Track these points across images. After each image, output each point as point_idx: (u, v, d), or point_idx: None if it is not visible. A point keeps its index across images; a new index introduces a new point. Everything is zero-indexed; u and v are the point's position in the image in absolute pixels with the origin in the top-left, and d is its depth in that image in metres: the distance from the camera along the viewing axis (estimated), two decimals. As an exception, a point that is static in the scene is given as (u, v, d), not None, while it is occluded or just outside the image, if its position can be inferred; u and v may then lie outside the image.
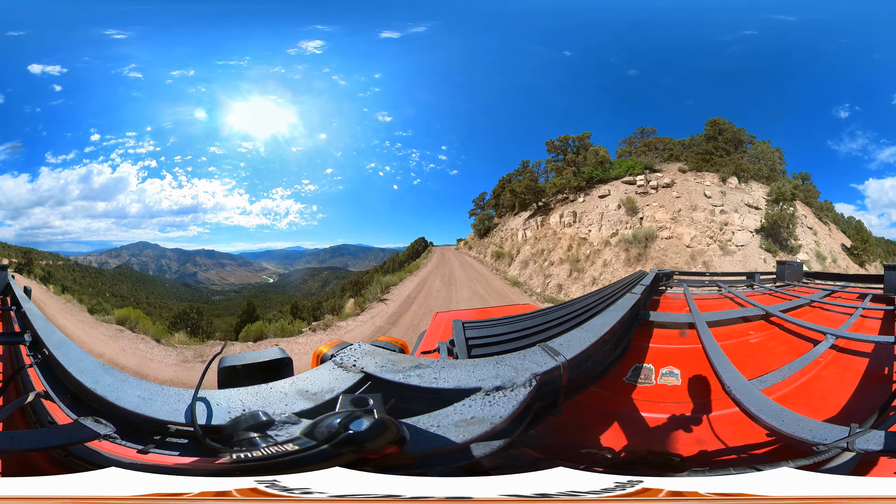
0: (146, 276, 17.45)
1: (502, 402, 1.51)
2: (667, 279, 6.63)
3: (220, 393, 1.59)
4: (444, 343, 2.54)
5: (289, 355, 1.95)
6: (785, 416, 1.67)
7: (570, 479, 1.55)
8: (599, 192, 15.93)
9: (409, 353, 2.39)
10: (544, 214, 17.06)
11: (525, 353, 1.82)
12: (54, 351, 1.92)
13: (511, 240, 17.87)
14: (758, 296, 4.39)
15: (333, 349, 1.99)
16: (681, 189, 14.96)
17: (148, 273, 17.56)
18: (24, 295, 3.40)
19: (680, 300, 4.19)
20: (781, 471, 1.53)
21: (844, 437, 1.51)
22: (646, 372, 2.39)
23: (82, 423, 1.46)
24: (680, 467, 1.79)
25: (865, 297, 3.86)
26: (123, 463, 1.41)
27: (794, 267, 7.22)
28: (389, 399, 1.58)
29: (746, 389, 1.89)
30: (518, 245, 17.38)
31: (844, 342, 2.53)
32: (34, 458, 1.48)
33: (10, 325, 2.97)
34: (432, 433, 1.39)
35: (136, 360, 11.06)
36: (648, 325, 2.85)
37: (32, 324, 2.42)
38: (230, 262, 18.72)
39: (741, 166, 15.02)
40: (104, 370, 1.71)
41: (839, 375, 2.29)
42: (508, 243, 17.84)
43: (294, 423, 1.42)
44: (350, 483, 1.32)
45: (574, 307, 3.03)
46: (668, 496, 1.47)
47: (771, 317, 3.05)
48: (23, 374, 2.03)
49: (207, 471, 1.37)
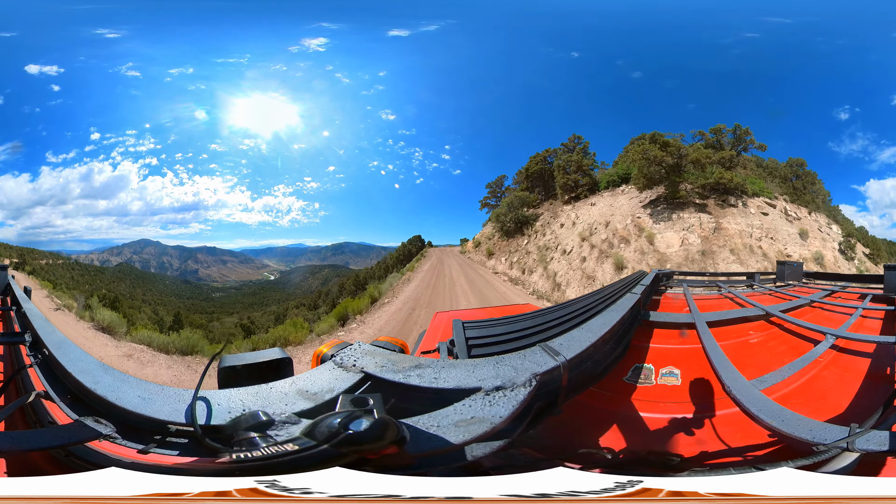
0: (146, 273, 17.45)
1: (502, 402, 1.51)
2: (667, 279, 6.63)
3: (220, 393, 1.59)
4: (444, 343, 2.55)
5: (289, 355, 1.95)
6: (785, 416, 1.67)
7: (570, 479, 1.55)
8: (729, 202, 13.98)
9: (409, 353, 2.39)
10: (719, 208, 13.36)
11: (525, 353, 1.81)
12: (54, 351, 1.92)
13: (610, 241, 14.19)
14: (758, 296, 4.39)
15: (333, 349, 1.99)
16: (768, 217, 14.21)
17: (149, 270, 17.56)
18: (24, 295, 3.40)
19: (680, 300, 4.19)
20: (781, 471, 1.53)
21: (844, 437, 1.51)
22: (646, 372, 2.39)
23: (82, 423, 1.46)
24: (680, 467, 1.79)
25: (865, 297, 3.86)
26: (123, 463, 1.41)
27: (794, 267, 7.22)
28: (389, 399, 1.58)
29: (746, 389, 1.89)
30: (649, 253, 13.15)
31: (844, 342, 2.53)
32: (34, 458, 1.48)
33: (10, 325, 2.97)
34: (432, 433, 1.39)
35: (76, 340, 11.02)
36: (648, 325, 2.85)
37: (32, 324, 2.42)
38: (231, 259, 18.70)
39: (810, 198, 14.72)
40: (104, 370, 1.70)
41: (839, 375, 2.29)
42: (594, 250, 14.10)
43: (294, 423, 1.42)
44: (350, 483, 1.32)
45: (574, 307, 3.03)
46: (668, 496, 1.47)
47: (771, 317, 3.05)
48: (23, 374, 2.03)
49: (207, 471, 1.37)
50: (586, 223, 15.33)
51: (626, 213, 14.76)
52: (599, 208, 15.55)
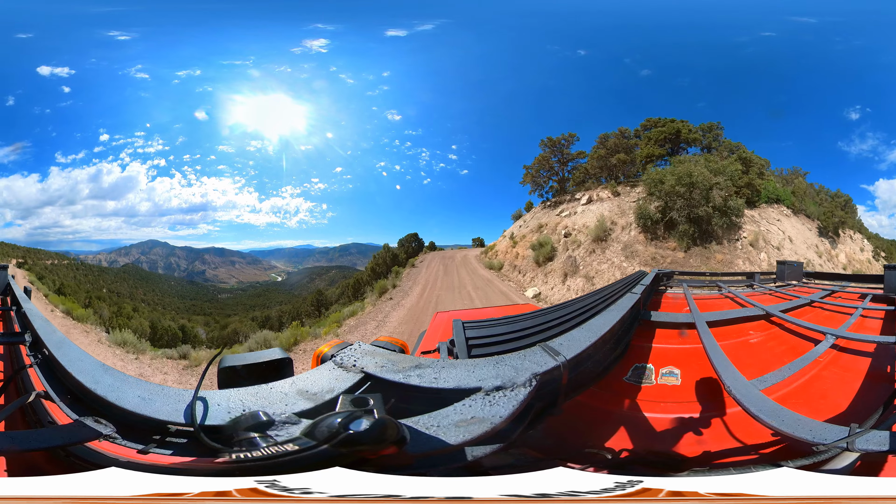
0: (152, 273, 17.52)
1: (502, 401, 1.51)
2: (667, 279, 6.63)
3: (220, 393, 1.59)
4: (444, 343, 2.55)
5: (289, 355, 1.95)
6: (785, 416, 1.67)
7: (570, 479, 1.55)
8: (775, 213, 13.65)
9: (409, 353, 2.39)
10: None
11: (525, 353, 1.81)
12: (54, 351, 1.92)
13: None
14: (758, 296, 4.39)
15: (333, 349, 1.99)
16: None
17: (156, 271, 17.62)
18: (24, 295, 3.40)
19: (680, 300, 4.19)
20: (781, 471, 1.53)
21: (844, 437, 1.51)
22: (646, 372, 2.39)
23: (82, 423, 1.46)
24: (680, 467, 1.79)
25: (865, 297, 3.85)
26: (123, 463, 1.41)
27: (794, 267, 7.21)
28: (389, 399, 1.58)
29: (746, 389, 1.89)
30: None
31: (844, 342, 2.53)
32: (34, 458, 1.48)
33: (10, 325, 2.97)
34: (432, 433, 1.39)
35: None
36: (648, 325, 2.85)
37: (32, 324, 2.42)
38: (239, 260, 18.74)
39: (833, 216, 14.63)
40: (104, 370, 1.70)
41: (839, 375, 2.29)
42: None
43: (294, 423, 1.42)
44: (350, 483, 1.32)
45: (574, 307, 3.03)
46: (668, 496, 1.47)
47: (771, 317, 3.05)
48: (23, 374, 2.03)
49: (207, 471, 1.37)
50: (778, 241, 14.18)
51: (810, 241, 14.33)
52: (787, 225, 14.38)
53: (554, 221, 15.48)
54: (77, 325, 12.63)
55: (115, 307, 14.67)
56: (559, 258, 13.98)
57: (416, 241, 18.35)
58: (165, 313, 15.76)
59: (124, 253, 17.37)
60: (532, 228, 15.87)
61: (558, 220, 15.39)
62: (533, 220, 16.50)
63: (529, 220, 16.75)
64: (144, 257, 17.68)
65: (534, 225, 15.99)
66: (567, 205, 15.80)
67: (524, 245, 15.47)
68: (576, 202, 15.59)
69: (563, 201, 16.05)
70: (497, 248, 16.89)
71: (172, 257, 17.99)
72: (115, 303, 15.02)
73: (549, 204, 16.63)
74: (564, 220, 15.21)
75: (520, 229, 16.70)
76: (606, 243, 13.32)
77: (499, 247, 16.88)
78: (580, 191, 15.73)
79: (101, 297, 15.12)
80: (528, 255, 14.82)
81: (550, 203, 16.62)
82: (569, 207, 15.58)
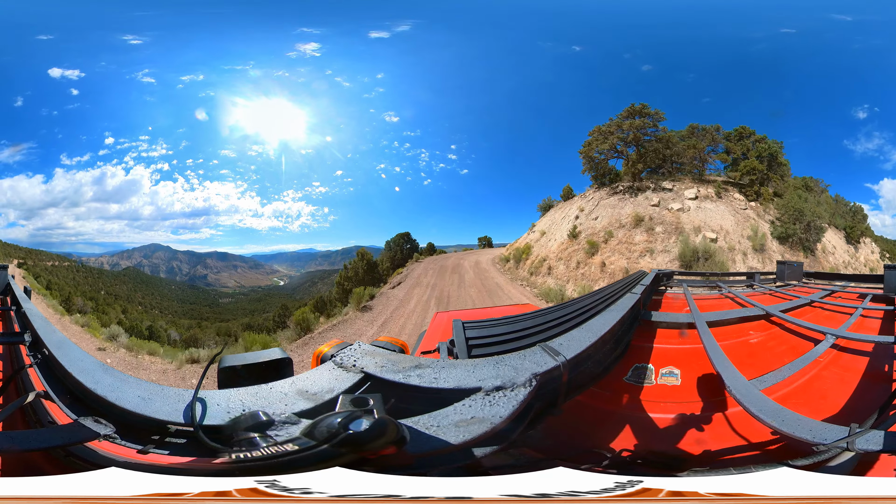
0: (152, 277, 17.58)
1: (502, 402, 1.51)
2: (667, 279, 6.62)
3: (220, 393, 1.59)
4: (444, 343, 2.54)
5: (289, 355, 1.95)
6: (785, 416, 1.67)
7: (570, 479, 1.55)
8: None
9: (409, 353, 2.39)
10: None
11: (525, 353, 1.81)
12: (54, 351, 1.92)
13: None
14: (758, 296, 4.38)
15: (333, 349, 1.99)
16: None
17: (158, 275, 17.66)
18: (24, 295, 3.40)
19: (680, 300, 4.19)
20: (781, 471, 1.53)
21: (844, 436, 1.51)
22: (646, 372, 2.39)
23: (82, 423, 1.46)
24: (680, 467, 1.79)
25: (865, 297, 3.85)
26: (123, 463, 1.41)
27: (794, 267, 7.20)
28: (389, 399, 1.58)
29: (746, 389, 1.89)
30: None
31: (844, 342, 2.52)
32: (34, 458, 1.48)
33: (10, 325, 2.97)
34: (432, 433, 1.39)
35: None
36: (648, 325, 2.85)
37: (32, 324, 2.42)
38: (242, 265, 18.77)
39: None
40: (104, 370, 1.70)
41: (839, 375, 2.29)
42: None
43: (294, 423, 1.42)
44: (350, 483, 1.32)
45: (574, 307, 3.03)
46: (668, 496, 1.47)
47: (771, 317, 3.05)
48: (23, 374, 2.03)
49: (207, 471, 1.37)
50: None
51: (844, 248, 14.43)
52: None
53: (664, 216, 12.31)
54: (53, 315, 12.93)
55: (95, 303, 14.74)
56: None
57: (408, 242, 17.08)
58: (161, 317, 15.80)
59: (126, 256, 17.44)
60: (611, 221, 12.60)
61: (670, 215, 12.44)
62: (598, 209, 13.37)
63: (588, 209, 13.63)
64: (146, 261, 17.74)
65: (608, 216, 12.88)
66: (653, 193, 13.03)
67: (615, 243, 11.71)
68: (668, 192, 13.18)
69: (644, 189, 13.21)
70: (533, 250, 13.59)
71: (174, 261, 18.04)
72: (108, 303, 15.08)
73: (618, 190, 13.77)
74: (679, 215, 12.59)
75: (576, 221, 13.14)
76: (765, 254, 12.56)
77: (539, 248, 13.43)
78: (668, 181, 13.65)
79: (92, 297, 15.17)
80: (637, 260, 11.14)
81: (624, 189, 13.69)
82: (667, 198, 12.84)
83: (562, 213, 14.41)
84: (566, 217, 13.96)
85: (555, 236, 13.64)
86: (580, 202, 14.10)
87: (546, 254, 13.00)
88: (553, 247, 13.31)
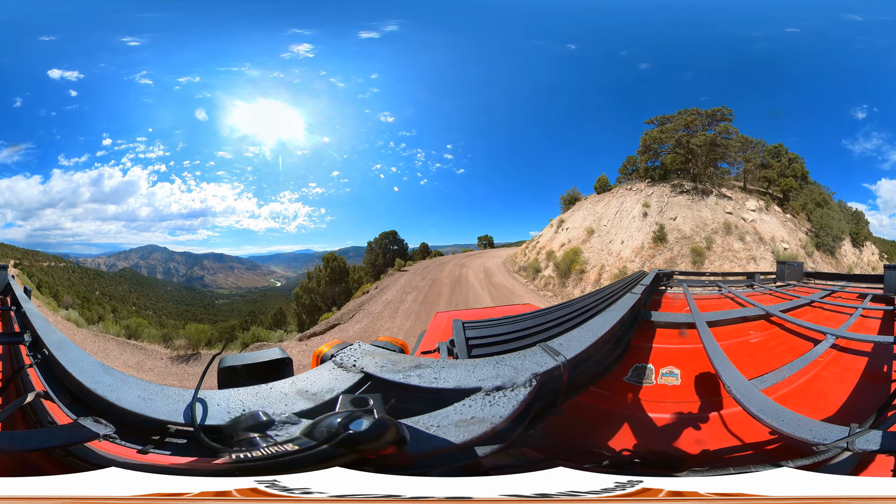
0: (149, 278, 17.59)
1: (502, 402, 1.51)
2: (667, 279, 6.62)
3: (219, 393, 1.59)
4: (444, 343, 2.54)
5: (289, 355, 1.95)
6: (785, 416, 1.67)
7: (570, 479, 1.55)
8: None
9: (409, 353, 2.39)
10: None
11: (525, 353, 1.81)
12: (54, 351, 1.92)
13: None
14: (758, 296, 4.38)
15: (333, 349, 1.99)
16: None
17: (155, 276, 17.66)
18: (24, 295, 3.40)
19: (680, 300, 4.19)
20: (781, 471, 1.53)
21: (844, 436, 1.51)
22: (646, 372, 2.39)
23: (82, 423, 1.46)
24: (680, 467, 1.79)
25: (865, 297, 3.85)
26: (123, 463, 1.41)
27: (794, 267, 7.21)
28: (389, 399, 1.58)
29: (746, 389, 1.89)
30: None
31: (844, 342, 2.53)
32: (34, 458, 1.48)
33: (10, 325, 2.97)
34: (432, 433, 1.39)
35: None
36: (648, 325, 2.85)
37: (32, 324, 2.42)
38: (238, 266, 18.77)
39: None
40: (104, 370, 1.70)
41: (839, 375, 2.29)
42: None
43: (294, 423, 1.42)
44: (350, 483, 1.32)
45: (574, 307, 3.03)
46: (668, 496, 1.47)
47: (771, 317, 3.05)
48: (23, 374, 2.03)
49: (207, 471, 1.37)
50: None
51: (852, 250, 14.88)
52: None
53: (743, 224, 10.99)
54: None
55: (86, 302, 14.78)
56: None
57: (394, 243, 15.89)
58: (154, 317, 15.80)
59: (123, 257, 17.46)
60: (697, 224, 10.23)
61: (747, 224, 11.38)
62: (671, 208, 11.07)
63: (657, 207, 11.23)
64: (143, 262, 17.75)
65: (690, 218, 10.51)
66: (718, 199, 11.97)
67: (719, 250, 9.44)
68: (729, 200, 12.54)
69: (708, 192, 12.21)
70: (585, 254, 9.84)
71: (171, 262, 18.05)
72: (99, 303, 15.11)
73: (685, 189, 12.04)
74: (753, 224, 12.11)
75: (646, 220, 10.35)
76: (811, 258, 12.93)
77: (595, 251, 9.83)
78: (727, 186, 13.53)
79: (85, 297, 15.21)
80: (745, 268, 8.80)
81: (690, 189, 12.14)
82: (735, 207, 12.15)
83: (608, 207, 12.18)
84: (622, 212, 11.76)
85: (617, 236, 11.16)
86: (634, 196, 12.16)
87: (614, 261, 10.34)
88: (625, 251, 11.05)
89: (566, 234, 12.01)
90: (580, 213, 12.87)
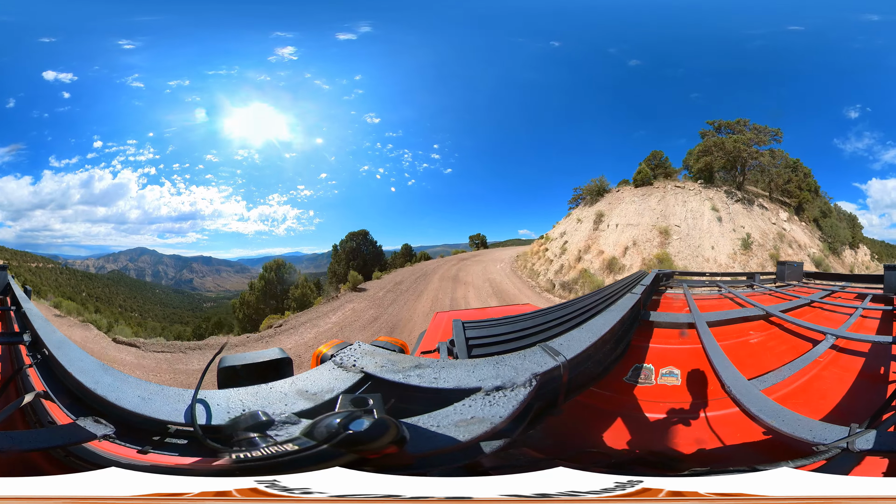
0: (137, 281, 17.63)
1: (502, 402, 1.51)
2: (667, 279, 6.62)
3: (219, 393, 1.59)
4: (444, 343, 2.54)
5: (289, 355, 1.95)
6: (785, 415, 1.67)
7: (570, 479, 1.55)
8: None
9: (409, 352, 2.39)
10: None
11: (525, 353, 1.81)
12: (54, 351, 1.92)
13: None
14: (758, 296, 4.39)
15: (333, 349, 1.99)
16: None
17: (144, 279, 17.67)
18: (24, 295, 3.40)
19: (680, 300, 4.19)
20: (781, 471, 1.53)
21: (844, 437, 1.51)
22: (646, 372, 2.39)
23: (82, 423, 1.46)
24: (680, 467, 1.79)
25: (865, 297, 3.85)
26: (123, 463, 1.41)
27: (794, 267, 7.20)
28: (389, 399, 1.58)
29: (746, 389, 1.89)
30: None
31: (844, 342, 2.52)
32: (34, 458, 1.48)
33: (10, 325, 2.96)
34: (432, 433, 1.39)
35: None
36: (648, 325, 2.85)
37: (32, 324, 2.42)
38: (227, 269, 18.77)
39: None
40: (104, 370, 1.70)
41: (839, 375, 2.29)
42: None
43: (294, 423, 1.42)
44: (350, 483, 1.32)
45: (574, 307, 3.03)
46: (668, 496, 1.47)
47: (771, 317, 3.05)
48: (23, 374, 2.03)
49: (207, 471, 1.37)
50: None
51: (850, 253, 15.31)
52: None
53: (784, 233, 10.84)
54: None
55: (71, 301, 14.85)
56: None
57: (367, 244, 15.37)
58: (140, 319, 15.82)
59: (112, 259, 17.48)
60: (762, 233, 9.22)
61: (787, 233, 11.95)
62: (735, 215, 10.22)
63: (724, 210, 10.35)
64: (132, 264, 17.77)
65: (754, 227, 9.58)
66: (763, 211, 12.80)
67: (785, 258, 8.29)
68: (767, 210, 13.41)
69: (752, 201, 12.98)
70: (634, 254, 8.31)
71: (160, 265, 18.08)
72: (83, 303, 15.15)
73: (740, 198, 11.70)
74: (791, 233, 13.23)
75: (721, 225, 8.93)
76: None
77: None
78: (762, 196, 14.23)
79: (70, 298, 15.27)
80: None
81: (742, 198, 11.92)
82: (773, 216, 13.07)
83: (665, 204, 10.69)
84: (693, 213, 10.15)
85: (702, 240, 9.39)
86: (695, 197, 11.29)
87: (716, 269, 8.88)
88: (720, 257, 9.91)
89: (617, 232, 10.38)
90: (628, 207, 11.41)
